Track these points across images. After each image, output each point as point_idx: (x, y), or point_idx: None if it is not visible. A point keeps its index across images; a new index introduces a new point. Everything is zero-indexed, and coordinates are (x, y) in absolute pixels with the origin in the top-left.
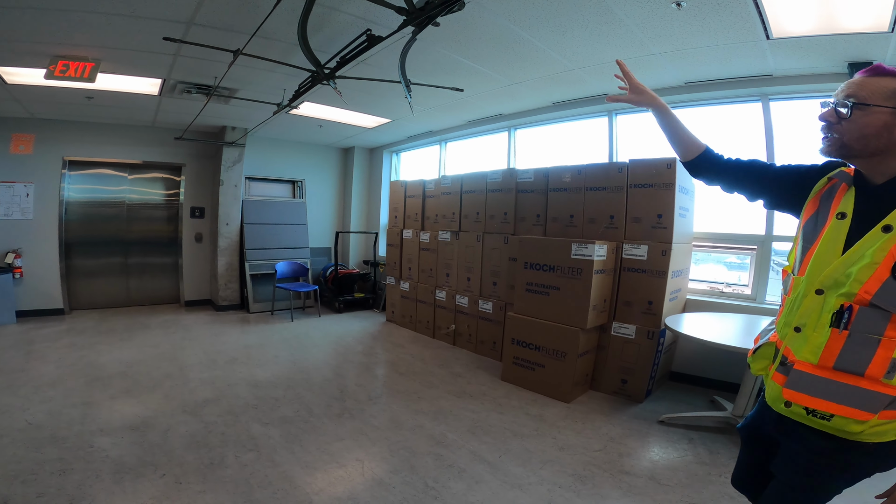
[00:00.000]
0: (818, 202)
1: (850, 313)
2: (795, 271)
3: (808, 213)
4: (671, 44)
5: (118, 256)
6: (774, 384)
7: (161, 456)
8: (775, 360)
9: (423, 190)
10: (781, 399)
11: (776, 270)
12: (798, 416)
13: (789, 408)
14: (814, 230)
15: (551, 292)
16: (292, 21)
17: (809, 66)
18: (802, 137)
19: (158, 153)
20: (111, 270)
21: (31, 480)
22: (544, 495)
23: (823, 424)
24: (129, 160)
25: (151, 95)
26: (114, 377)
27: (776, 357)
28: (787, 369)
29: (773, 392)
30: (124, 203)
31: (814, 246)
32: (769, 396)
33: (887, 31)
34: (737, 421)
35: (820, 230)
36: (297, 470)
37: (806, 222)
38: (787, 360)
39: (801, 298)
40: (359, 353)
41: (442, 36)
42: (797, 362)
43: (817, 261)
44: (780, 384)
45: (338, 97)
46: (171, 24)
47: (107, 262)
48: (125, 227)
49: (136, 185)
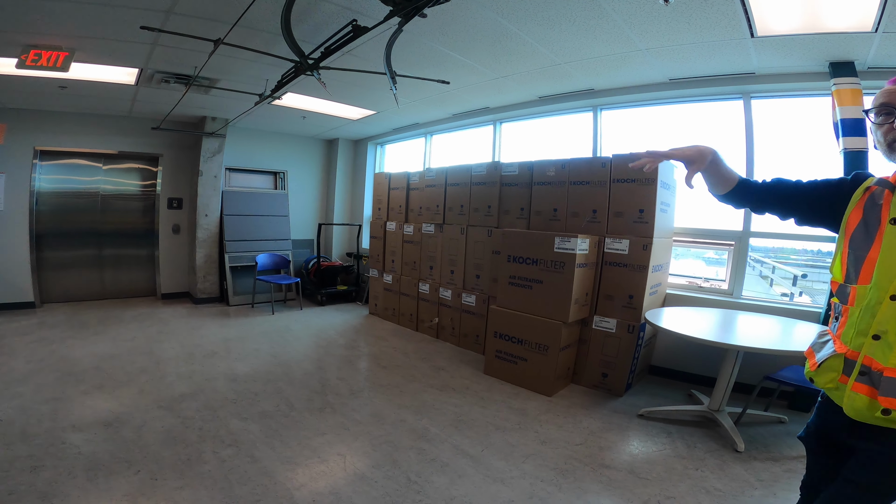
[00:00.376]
0: (862, 211)
1: None
2: (853, 280)
3: (853, 222)
4: (657, 40)
5: (92, 248)
6: (858, 395)
7: (136, 452)
8: (852, 372)
9: (407, 182)
10: (877, 407)
11: (752, 266)
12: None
13: (888, 415)
14: (865, 238)
15: (534, 286)
16: (276, 10)
17: (791, 65)
18: (782, 136)
19: (134, 143)
20: (84, 262)
21: (2, 477)
22: (526, 489)
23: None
24: (103, 150)
25: (128, 85)
26: (86, 372)
27: (852, 368)
28: (874, 378)
29: (859, 403)
30: (98, 194)
31: (870, 254)
32: (852, 408)
33: (871, 30)
34: (712, 415)
35: (873, 238)
36: (278, 465)
37: (854, 232)
38: (870, 370)
39: (875, 306)
40: (341, 347)
41: (429, 27)
42: (886, 370)
43: (883, 267)
44: (868, 394)
45: (322, 88)
46: (149, 12)
47: (80, 254)
48: (99, 218)
49: (110, 175)
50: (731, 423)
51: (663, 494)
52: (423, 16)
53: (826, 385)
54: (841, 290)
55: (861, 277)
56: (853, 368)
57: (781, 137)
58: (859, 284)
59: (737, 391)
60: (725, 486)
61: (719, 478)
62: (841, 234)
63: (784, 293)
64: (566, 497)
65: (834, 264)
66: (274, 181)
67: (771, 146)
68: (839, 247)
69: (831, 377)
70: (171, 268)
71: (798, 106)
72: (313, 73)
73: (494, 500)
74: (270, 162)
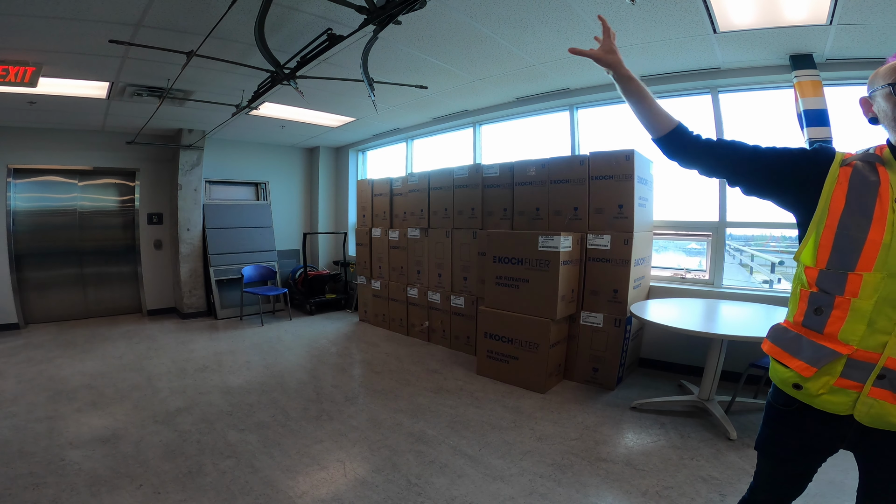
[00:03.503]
0: (847, 187)
1: None
2: (848, 265)
3: (839, 200)
4: (627, 38)
5: (73, 267)
6: (877, 402)
7: (136, 467)
8: (867, 376)
9: (390, 188)
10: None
11: (732, 255)
12: None
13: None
14: (861, 219)
15: (520, 285)
16: (249, 21)
17: (754, 59)
18: (750, 128)
19: (110, 158)
20: (66, 281)
21: (6, 495)
22: (526, 486)
23: None
24: (78, 166)
25: (99, 99)
26: (78, 390)
27: (866, 371)
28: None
29: (879, 410)
30: (76, 211)
31: (871, 235)
32: (869, 416)
33: (825, 23)
34: (703, 404)
35: (871, 217)
36: (278, 474)
37: (844, 211)
38: (894, 372)
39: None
40: (333, 355)
41: (404, 34)
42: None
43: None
44: (893, 401)
45: (300, 97)
46: (118, 26)
47: (61, 273)
48: (78, 235)
49: (87, 191)
50: (722, 411)
51: (661, 485)
52: (397, 23)
53: (819, 391)
54: (827, 277)
55: (862, 264)
56: (868, 372)
57: (750, 130)
58: (863, 272)
59: (725, 380)
60: (721, 475)
61: (715, 466)
62: (820, 215)
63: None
64: (566, 492)
65: (805, 249)
66: (256, 192)
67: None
68: (815, 229)
69: (825, 381)
70: (156, 284)
71: (763, 98)
72: (290, 83)
73: (495, 498)
74: (251, 173)
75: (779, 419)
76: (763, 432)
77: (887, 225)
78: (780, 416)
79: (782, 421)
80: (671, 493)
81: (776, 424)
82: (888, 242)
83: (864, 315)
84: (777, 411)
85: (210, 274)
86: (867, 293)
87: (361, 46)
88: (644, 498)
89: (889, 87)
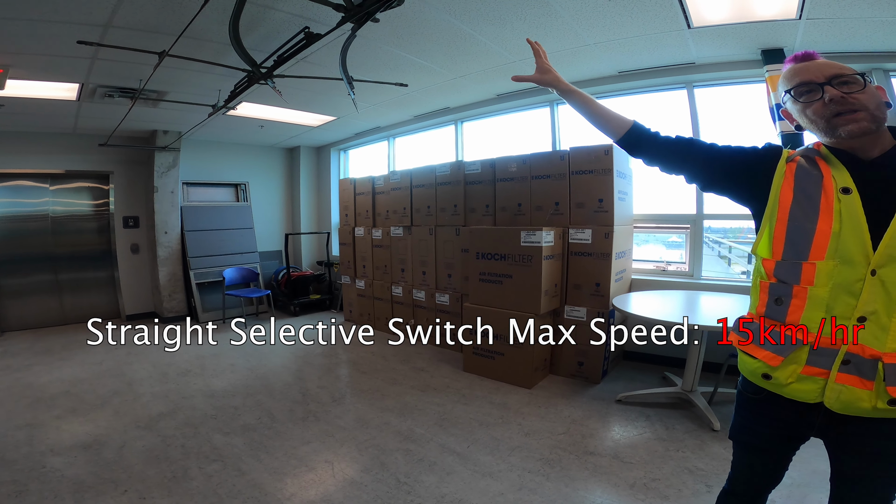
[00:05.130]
0: (793, 182)
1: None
2: (801, 255)
3: (787, 195)
4: (604, 34)
5: (47, 273)
6: (846, 388)
7: (120, 472)
8: (831, 363)
9: (372, 186)
10: (883, 397)
11: (711, 247)
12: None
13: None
14: (809, 211)
15: (504, 280)
16: (223, 20)
17: (727, 54)
18: (724, 122)
19: (82, 161)
20: (41, 288)
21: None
22: (515, 481)
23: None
24: (49, 170)
25: (69, 101)
26: (57, 397)
27: (830, 358)
28: (864, 367)
29: (848, 395)
30: (48, 216)
31: (820, 226)
32: (839, 401)
33: (795, 17)
34: (686, 396)
35: (817, 209)
36: (266, 477)
37: (792, 205)
38: (860, 357)
39: (855, 284)
40: (318, 355)
41: (383, 32)
42: (886, 356)
43: (849, 240)
44: (860, 385)
45: (279, 97)
46: (87, 27)
47: (35, 280)
48: (51, 241)
49: (59, 196)
50: (705, 402)
51: (649, 477)
52: (375, 20)
53: (788, 379)
54: (783, 268)
55: (814, 252)
56: (832, 358)
57: (724, 124)
58: (815, 260)
59: (708, 371)
60: (707, 466)
61: (700, 457)
62: (771, 209)
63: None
64: (555, 486)
65: (760, 242)
66: (235, 193)
67: (715, 133)
68: (768, 222)
69: (792, 370)
70: (134, 288)
71: (737, 93)
72: (267, 82)
73: (485, 494)
74: (230, 174)
75: (748, 407)
76: (735, 421)
77: (834, 214)
78: (749, 404)
79: (752, 409)
80: (658, 484)
81: (746, 412)
82: (837, 231)
83: (822, 302)
84: (747, 399)
85: (190, 277)
86: (822, 281)
87: (340, 45)
88: (632, 490)
89: (787, 93)
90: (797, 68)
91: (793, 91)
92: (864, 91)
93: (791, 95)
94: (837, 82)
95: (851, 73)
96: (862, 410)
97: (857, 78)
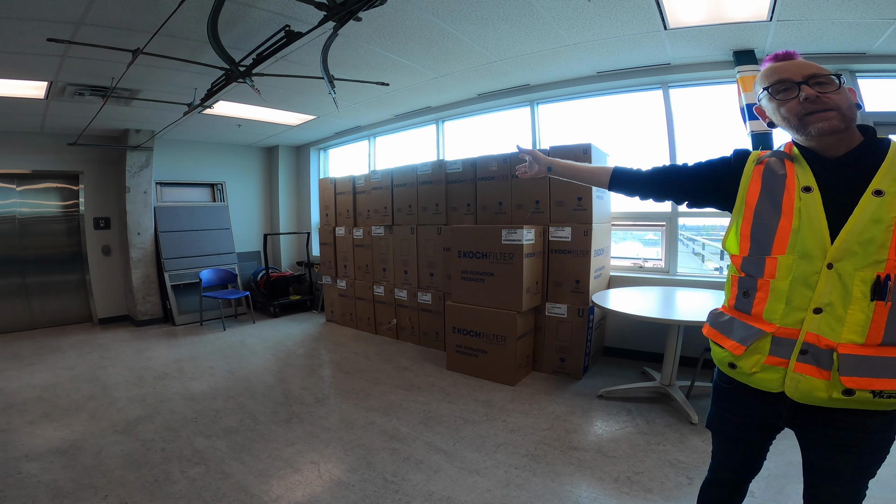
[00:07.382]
0: (760, 182)
1: (888, 282)
2: (765, 251)
3: (753, 194)
4: (584, 35)
5: (14, 277)
6: (804, 377)
7: (99, 477)
8: (790, 352)
9: (353, 186)
10: (835, 388)
11: (686, 244)
12: (861, 402)
13: (852, 395)
14: (772, 208)
15: (486, 279)
16: (201, 18)
17: (701, 55)
18: (698, 122)
19: (50, 161)
20: (8, 292)
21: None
22: (502, 477)
23: (889, 403)
24: (14, 170)
25: (37, 99)
26: (28, 402)
27: (790, 348)
28: (821, 357)
29: (806, 385)
30: (14, 218)
31: (782, 222)
32: (797, 391)
33: (766, 19)
34: (665, 390)
35: (780, 207)
36: (251, 479)
37: (758, 203)
38: (816, 347)
39: (812, 277)
40: (300, 357)
41: (365, 30)
42: (840, 346)
43: (808, 236)
44: (817, 375)
45: (257, 95)
46: (58, 24)
47: (2, 284)
48: (18, 243)
49: (26, 196)
50: (683, 396)
51: (632, 470)
52: (357, 19)
53: (752, 369)
54: (749, 263)
55: (776, 248)
56: (791, 348)
57: (698, 123)
58: (777, 255)
59: (685, 365)
60: (687, 458)
61: (680, 450)
62: (739, 208)
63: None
64: (541, 481)
65: (728, 238)
66: (212, 193)
67: (689, 132)
68: (736, 220)
69: (756, 360)
70: (106, 291)
71: (710, 93)
72: (246, 81)
73: (472, 491)
74: (206, 173)
75: (722, 396)
76: (711, 411)
77: (795, 212)
78: (723, 393)
79: (726, 398)
80: (641, 477)
81: (721, 402)
82: (797, 227)
83: (783, 294)
84: (721, 389)
85: (165, 279)
86: (783, 274)
87: (321, 43)
88: (616, 484)
89: (765, 90)
90: (776, 67)
91: (770, 88)
92: (839, 92)
93: (768, 93)
94: (814, 82)
95: (827, 73)
96: (820, 400)
97: (832, 79)
